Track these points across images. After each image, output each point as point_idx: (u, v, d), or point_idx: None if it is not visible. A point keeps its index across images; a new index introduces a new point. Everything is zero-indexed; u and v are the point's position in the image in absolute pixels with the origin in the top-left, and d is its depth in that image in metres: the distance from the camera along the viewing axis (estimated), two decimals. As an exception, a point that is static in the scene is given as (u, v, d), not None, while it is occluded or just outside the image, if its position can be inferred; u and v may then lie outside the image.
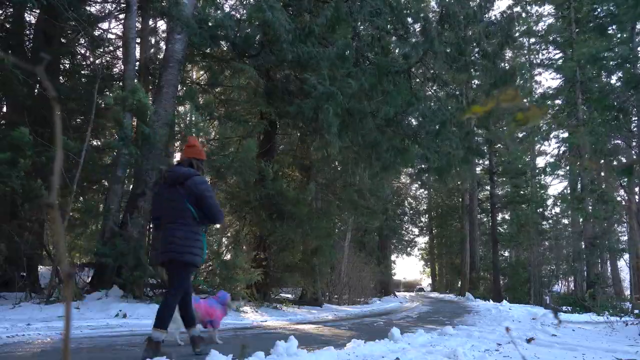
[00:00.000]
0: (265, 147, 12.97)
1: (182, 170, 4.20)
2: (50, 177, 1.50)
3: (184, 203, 4.06)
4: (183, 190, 4.09)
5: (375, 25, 10.71)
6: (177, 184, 4.14)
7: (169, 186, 4.19)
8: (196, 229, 4.10)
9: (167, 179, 4.24)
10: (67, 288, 0.59)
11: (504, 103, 0.78)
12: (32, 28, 12.08)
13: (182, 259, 4.02)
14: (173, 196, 4.12)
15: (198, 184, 4.10)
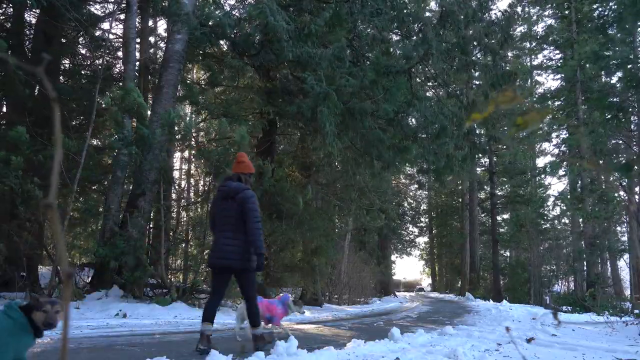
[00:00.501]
0: (264, 146, 12.97)
1: (233, 185, 4.65)
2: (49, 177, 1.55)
3: (237, 215, 4.51)
4: (235, 203, 4.54)
5: (375, 25, 10.72)
6: (229, 198, 4.59)
7: (222, 199, 4.66)
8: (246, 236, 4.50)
9: (220, 193, 4.72)
10: (66, 288, 0.59)
11: (502, 105, 0.78)
12: (32, 28, 12.09)
13: (238, 266, 4.49)
14: (226, 208, 4.58)
15: (247, 197, 4.57)
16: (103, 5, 14.14)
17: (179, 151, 19.92)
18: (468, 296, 23.49)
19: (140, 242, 9.12)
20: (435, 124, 10.90)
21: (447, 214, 38.60)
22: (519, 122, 0.81)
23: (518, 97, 0.76)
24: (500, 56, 12.21)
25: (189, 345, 4.90)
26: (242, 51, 10.93)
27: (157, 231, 9.94)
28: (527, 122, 0.81)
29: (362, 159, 12.38)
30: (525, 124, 0.81)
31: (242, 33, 10.47)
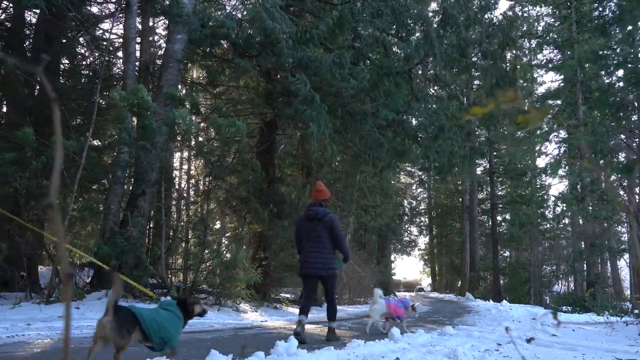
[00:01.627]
0: (264, 147, 12.97)
1: (320, 209, 5.84)
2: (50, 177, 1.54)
3: (323, 233, 5.73)
4: (322, 224, 5.74)
5: (376, 26, 10.72)
6: (316, 219, 5.77)
7: (309, 220, 5.83)
8: (331, 251, 5.84)
9: (307, 215, 5.87)
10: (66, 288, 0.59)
11: (503, 104, 0.79)
12: (32, 28, 12.09)
13: (329, 274, 5.80)
14: (313, 228, 5.77)
15: (334, 220, 5.83)
16: (104, 5, 14.14)
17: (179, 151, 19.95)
18: (468, 296, 23.47)
19: (140, 242, 9.12)
20: (436, 124, 10.91)
21: (447, 214, 38.61)
22: (520, 120, 0.81)
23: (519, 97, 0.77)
24: (501, 58, 12.23)
25: (189, 345, 4.90)
26: (242, 52, 10.93)
27: (157, 231, 9.95)
28: (528, 120, 0.81)
29: (362, 159, 12.39)
30: (526, 122, 0.81)
31: (242, 34, 10.48)
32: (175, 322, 3.45)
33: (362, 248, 23.28)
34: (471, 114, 0.83)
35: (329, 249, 5.77)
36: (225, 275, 9.54)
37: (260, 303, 11.64)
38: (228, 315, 9.11)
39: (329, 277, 5.81)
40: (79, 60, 13.49)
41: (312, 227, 5.77)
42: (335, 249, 5.89)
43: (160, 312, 3.41)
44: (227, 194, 12.55)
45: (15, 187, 7.84)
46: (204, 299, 9.94)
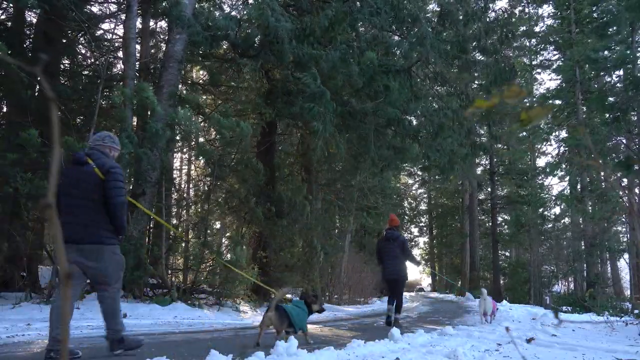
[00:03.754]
0: (264, 147, 12.98)
1: (395, 233, 8.38)
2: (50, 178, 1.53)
3: (399, 251, 8.15)
4: (397, 243, 8.20)
5: (374, 24, 10.72)
6: (392, 240, 8.27)
7: (386, 241, 8.35)
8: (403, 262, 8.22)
9: (386, 236, 8.42)
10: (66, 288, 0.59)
11: (508, 99, 0.78)
12: (32, 28, 12.08)
13: (403, 279, 8.29)
14: (390, 247, 8.19)
15: (406, 241, 8.53)
16: (104, 5, 14.14)
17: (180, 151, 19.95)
18: (468, 296, 23.46)
19: (140, 242, 9.13)
20: (435, 122, 10.91)
21: (447, 214, 38.59)
22: (524, 117, 0.81)
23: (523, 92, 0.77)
24: (501, 55, 12.23)
25: (189, 345, 4.90)
26: (242, 52, 10.93)
27: (158, 231, 9.95)
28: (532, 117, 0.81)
29: (362, 159, 12.39)
30: (529, 119, 0.81)
31: (242, 34, 10.47)
32: (304, 315, 5.16)
33: (362, 249, 23.28)
34: (475, 106, 0.83)
35: (401, 261, 8.16)
36: (225, 275, 9.55)
37: (260, 303, 11.65)
38: (228, 315, 9.11)
39: (401, 280, 8.24)
40: (79, 61, 13.48)
41: (389, 246, 8.21)
42: (405, 260, 8.30)
43: (295, 308, 5.09)
44: (227, 194, 12.56)
45: (16, 187, 7.84)
46: (204, 299, 9.95)
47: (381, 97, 10.08)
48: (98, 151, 4.07)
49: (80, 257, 3.84)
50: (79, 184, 3.90)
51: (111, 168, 3.94)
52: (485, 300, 8.66)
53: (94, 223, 3.88)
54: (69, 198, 3.87)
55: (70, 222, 3.81)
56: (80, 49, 13.44)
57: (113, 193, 3.89)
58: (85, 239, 3.84)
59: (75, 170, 3.96)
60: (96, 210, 3.89)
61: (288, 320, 4.87)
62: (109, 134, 4.31)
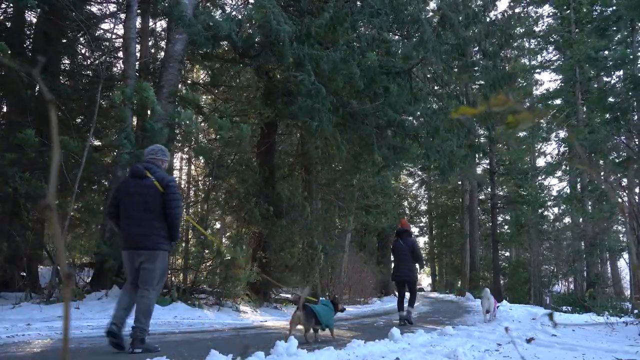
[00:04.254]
0: (265, 147, 12.98)
1: (409, 239, 9.05)
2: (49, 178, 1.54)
3: (410, 252, 8.81)
4: (407, 246, 8.85)
5: (374, 25, 10.72)
6: (403, 241, 8.91)
7: (399, 243, 8.97)
8: (414, 264, 8.93)
9: (398, 237, 9.06)
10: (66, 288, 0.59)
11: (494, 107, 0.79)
12: (32, 28, 12.08)
13: (415, 279, 9.04)
14: (403, 248, 8.85)
15: (415, 242, 9.20)
16: (104, 5, 14.14)
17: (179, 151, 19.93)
18: (468, 296, 23.45)
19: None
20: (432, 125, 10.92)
21: (447, 214, 38.56)
22: (510, 120, 0.82)
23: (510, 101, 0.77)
24: (500, 58, 12.23)
25: (189, 345, 4.90)
26: (242, 52, 10.92)
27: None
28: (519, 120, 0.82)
29: (362, 158, 12.40)
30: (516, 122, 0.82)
31: (243, 35, 10.47)
32: (330, 313, 5.74)
33: (362, 249, 23.27)
34: (460, 112, 0.84)
35: (413, 263, 8.88)
36: (225, 275, 9.55)
37: (260, 303, 11.65)
38: (228, 315, 9.11)
39: (412, 281, 9.01)
40: (79, 61, 13.48)
41: (402, 248, 8.89)
42: (415, 262, 8.95)
43: (322, 307, 5.64)
44: (227, 194, 12.56)
45: (15, 187, 7.85)
46: (204, 299, 9.95)
47: (381, 98, 10.08)
48: (154, 165, 4.49)
49: (139, 259, 4.34)
50: (140, 196, 4.32)
51: (169, 182, 4.40)
52: (488, 299, 9.24)
53: (153, 231, 4.31)
54: (129, 208, 4.33)
55: (134, 231, 4.31)
56: (81, 49, 13.44)
57: (172, 204, 4.35)
58: (146, 245, 4.31)
59: (135, 182, 4.38)
60: (155, 219, 4.31)
61: (315, 318, 5.41)
62: (160, 147, 4.72)
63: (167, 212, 4.33)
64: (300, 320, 5.24)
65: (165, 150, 4.70)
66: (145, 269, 4.34)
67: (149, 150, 4.68)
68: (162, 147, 4.76)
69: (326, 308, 5.67)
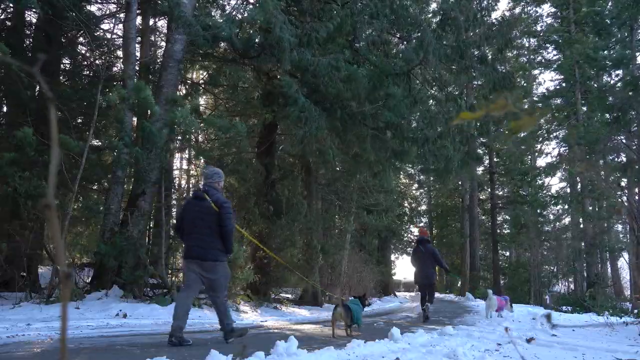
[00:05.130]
0: (265, 147, 12.98)
1: (429, 245, 9.75)
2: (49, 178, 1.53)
3: (432, 259, 9.59)
4: (428, 252, 9.58)
5: (375, 27, 10.70)
6: (423, 248, 9.61)
7: (419, 248, 9.70)
8: (433, 268, 9.77)
9: (419, 244, 9.77)
10: (65, 288, 0.59)
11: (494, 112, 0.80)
12: (32, 28, 12.08)
13: (431, 283, 9.80)
14: (424, 253, 9.57)
15: (434, 249, 9.88)
16: (104, 4, 14.14)
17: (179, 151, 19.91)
18: (468, 296, 23.45)
19: (140, 242, 9.12)
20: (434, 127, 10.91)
21: (447, 214, 38.56)
22: (513, 125, 0.82)
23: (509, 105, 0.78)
24: (500, 60, 12.22)
25: (189, 344, 4.90)
26: (242, 53, 10.91)
27: (158, 230, 9.95)
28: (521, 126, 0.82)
29: (361, 160, 12.39)
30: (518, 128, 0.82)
31: (242, 36, 10.45)
32: (360, 310, 6.40)
33: (362, 249, 23.26)
34: (460, 118, 0.84)
35: (431, 267, 9.62)
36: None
37: (260, 303, 11.64)
38: (228, 315, 9.10)
39: (432, 284, 9.84)
40: (79, 60, 13.48)
41: (422, 254, 9.57)
42: (435, 266, 9.77)
43: (354, 305, 6.32)
44: (226, 194, 12.56)
45: (15, 186, 7.84)
46: (204, 299, 9.94)
47: (381, 100, 10.08)
48: (212, 188, 5.21)
49: (201, 270, 5.04)
50: (200, 215, 5.06)
51: (223, 203, 5.11)
52: (490, 300, 9.93)
53: (212, 245, 5.03)
54: (192, 225, 5.10)
55: (195, 244, 5.03)
56: (81, 49, 13.44)
57: (226, 222, 5.04)
58: (207, 257, 5.01)
59: (196, 204, 5.17)
60: (213, 235, 5.04)
61: (352, 315, 6.17)
62: (216, 170, 5.44)
63: (222, 228, 5.03)
64: (341, 316, 6.10)
65: (220, 173, 5.41)
66: (209, 279, 5.07)
67: (206, 174, 5.43)
68: (218, 170, 5.46)
69: (356, 306, 6.36)
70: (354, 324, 6.26)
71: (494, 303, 9.88)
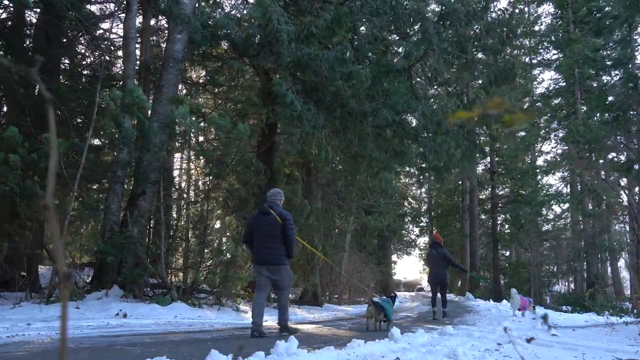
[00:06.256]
0: (265, 147, 12.96)
1: (440, 249, 10.30)
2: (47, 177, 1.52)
3: (443, 261, 10.20)
4: (440, 255, 10.19)
5: (374, 24, 10.69)
6: (437, 253, 10.21)
7: (432, 254, 10.38)
8: (446, 270, 10.27)
9: (433, 248, 10.42)
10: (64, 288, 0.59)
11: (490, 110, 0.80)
12: (32, 28, 12.08)
13: (445, 282, 10.35)
14: (436, 257, 10.19)
15: (446, 252, 10.39)
16: (104, 4, 14.14)
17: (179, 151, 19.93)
18: (468, 296, 23.44)
19: (140, 241, 9.12)
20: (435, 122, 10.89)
21: (447, 214, 38.53)
22: (506, 119, 0.84)
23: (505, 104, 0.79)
24: (501, 55, 12.19)
25: (189, 345, 4.90)
26: (242, 51, 10.90)
27: (157, 230, 9.95)
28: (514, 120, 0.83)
29: (361, 159, 12.37)
30: (511, 122, 0.84)
31: (242, 33, 10.45)
32: (391, 308, 7.24)
33: (362, 249, 23.25)
34: (457, 116, 0.85)
35: (442, 268, 10.18)
36: (224, 273, 9.54)
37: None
38: (228, 315, 9.11)
39: (443, 284, 10.35)
40: (79, 60, 13.48)
41: (435, 256, 10.28)
42: (447, 267, 10.32)
43: (386, 303, 7.19)
44: (227, 194, 12.55)
45: (11, 186, 7.82)
46: (204, 299, 9.94)
47: (381, 98, 10.06)
48: (274, 204, 6.21)
49: (269, 273, 6.03)
50: (267, 227, 6.02)
51: (286, 216, 6.10)
52: (513, 298, 10.40)
53: (277, 251, 6.00)
54: (260, 235, 6.05)
55: (264, 251, 6.00)
56: (80, 48, 13.44)
57: (289, 232, 6.03)
58: (274, 261, 6.01)
59: (263, 218, 6.13)
60: (278, 243, 6.00)
61: (383, 312, 7.01)
62: (278, 191, 6.54)
63: (285, 237, 6.00)
64: (372, 313, 6.93)
65: (281, 193, 6.51)
66: (276, 280, 6.08)
67: (270, 194, 6.46)
68: (279, 190, 6.59)
69: (388, 305, 7.22)
70: (388, 319, 7.19)
71: (517, 302, 10.31)
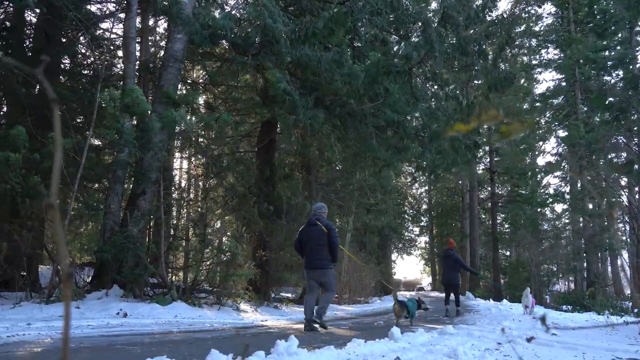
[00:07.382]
0: (265, 146, 12.97)
1: (452, 253, 11.16)
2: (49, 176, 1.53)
3: (456, 264, 11.17)
4: (452, 259, 11.09)
5: (375, 24, 10.69)
6: (449, 257, 11.13)
7: (445, 257, 11.31)
8: (458, 272, 11.28)
9: (446, 252, 11.32)
10: (66, 288, 0.59)
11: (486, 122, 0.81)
12: (32, 27, 12.07)
13: (457, 284, 11.27)
14: (448, 261, 11.16)
15: (459, 257, 11.38)
16: (104, 4, 14.13)
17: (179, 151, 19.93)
18: (468, 295, 23.45)
19: (140, 241, 9.12)
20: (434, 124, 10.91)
21: (447, 214, 38.56)
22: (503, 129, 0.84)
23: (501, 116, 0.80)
24: (501, 58, 12.20)
25: (190, 344, 4.90)
26: (242, 51, 10.91)
27: (158, 230, 9.96)
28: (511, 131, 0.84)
29: (361, 158, 12.38)
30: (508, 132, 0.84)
31: (242, 33, 10.45)
32: (415, 307, 8.15)
33: (362, 248, 23.26)
34: (454, 130, 0.86)
35: (456, 271, 11.19)
36: (225, 272, 9.54)
37: (260, 302, 11.65)
38: (228, 315, 9.11)
39: (456, 286, 11.28)
40: (79, 60, 13.48)
41: (447, 261, 11.18)
42: (459, 270, 11.28)
43: (410, 303, 8.06)
44: (226, 193, 12.57)
45: (12, 184, 7.82)
46: (204, 298, 9.95)
47: (381, 98, 10.06)
48: (320, 216, 7.21)
49: (317, 276, 7.02)
50: (315, 236, 7.01)
51: (330, 226, 7.09)
52: (527, 297, 10.99)
53: (324, 257, 6.99)
54: (309, 243, 7.01)
55: (313, 257, 6.98)
56: (80, 48, 13.43)
57: (333, 240, 7.01)
58: (322, 266, 6.98)
59: (311, 229, 7.11)
60: (324, 249, 6.98)
61: (407, 309, 7.94)
62: (322, 204, 7.51)
63: (330, 244, 6.97)
64: (396, 310, 7.94)
65: (325, 206, 7.50)
66: (323, 282, 7.06)
67: (315, 207, 7.45)
68: (323, 204, 7.53)
69: (412, 304, 8.12)
70: (412, 316, 8.10)
71: (530, 301, 10.88)
